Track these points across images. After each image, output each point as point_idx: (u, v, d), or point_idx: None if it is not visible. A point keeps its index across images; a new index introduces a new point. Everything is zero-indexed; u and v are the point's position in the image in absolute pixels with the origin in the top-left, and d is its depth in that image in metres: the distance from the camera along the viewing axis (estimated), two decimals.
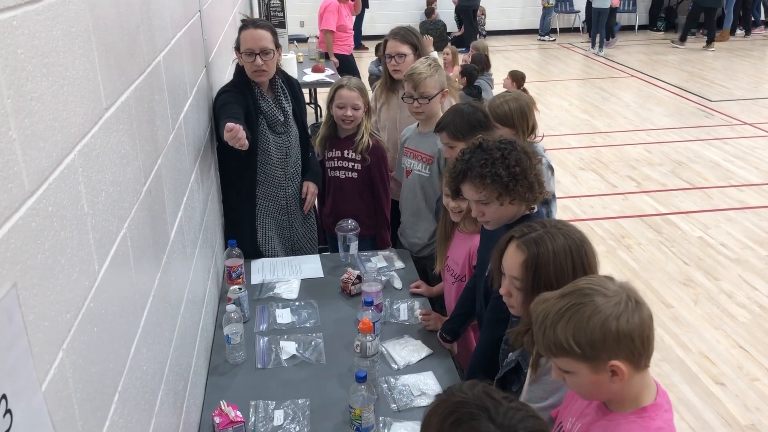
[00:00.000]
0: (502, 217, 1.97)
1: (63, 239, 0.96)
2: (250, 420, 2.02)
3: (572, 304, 1.30)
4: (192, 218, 2.16)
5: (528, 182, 1.90)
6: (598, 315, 1.27)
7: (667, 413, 1.35)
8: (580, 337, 1.27)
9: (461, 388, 1.15)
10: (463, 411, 1.08)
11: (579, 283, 1.36)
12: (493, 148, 1.92)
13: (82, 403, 1.00)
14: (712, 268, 4.51)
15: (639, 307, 1.30)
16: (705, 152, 6.70)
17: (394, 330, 2.50)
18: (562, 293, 1.34)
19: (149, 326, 1.45)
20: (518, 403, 1.11)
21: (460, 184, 1.99)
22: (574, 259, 1.61)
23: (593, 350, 1.27)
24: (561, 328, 1.28)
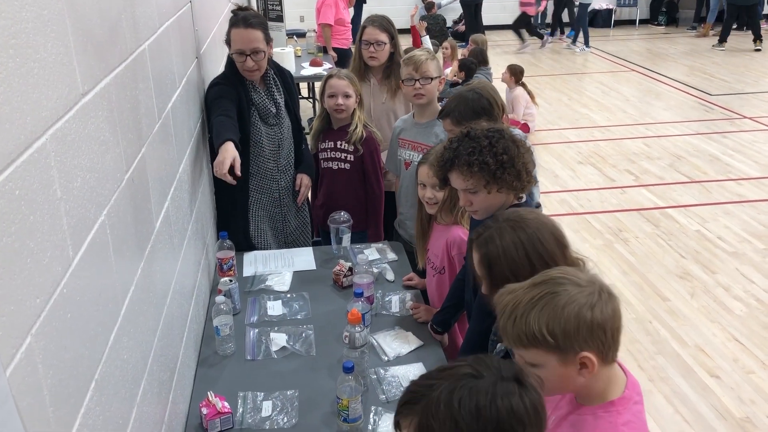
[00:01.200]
0: (490, 206, 1.96)
1: (32, 223, 0.95)
2: (238, 411, 2.01)
3: (545, 293, 1.28)
4: (180, 209, 2.15)
5: (515, 170, 1.89)
6: (573, 304, 1.25)
7: (636, 405, 1.34)
8: (554, 327, 1.24)
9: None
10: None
11: (550, 273, 1.35)
12: (480, 136, 1.91)
13: (54, 389, 0.99)
14: (709, 261, 4.49)
15: (611, 299, 1.29)
16: (704, 146, 6.67)
17: (386, 322, 2.49)
18: (533, 282, 1.33)
19: (131, 315, 1.44)
20: None
21: (447, 173, 1.98)
22: (528, 251, 1.59)
23: (566, 340, 1.25)
24: (534, 317, 1.26)
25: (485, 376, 1.06)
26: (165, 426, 1.72)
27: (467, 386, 1.05)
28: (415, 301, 2.61)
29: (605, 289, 1.30)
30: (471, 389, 1.04)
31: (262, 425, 1.96)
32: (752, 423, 3.06)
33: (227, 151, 2.47)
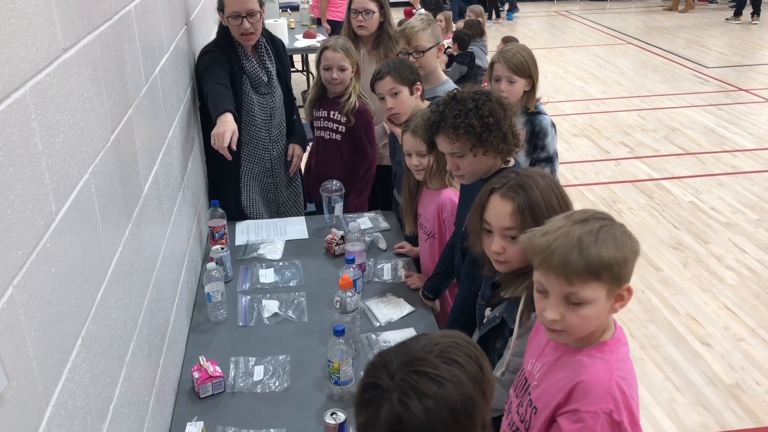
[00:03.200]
0: (477, 170, 1.95)
1: (12, 174, 0.93)
2: (229, 375, 2.02)
3: (601, 225, 1.30)
4: (170, 175, 2.13)
5: (501, 133, 1.88)
6: (623, 236, 1.29)
7: (624, 346, 1.38)
8: (617, 253, 1.27)
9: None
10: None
11: (588, 211, 1.36)
12: (467, 98, 1.90)
13: (38, 342, 0.99)
14: (702, 231, 4.50)
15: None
16: (699, 118, 6.66)
17: (377, 289, 2.50)
18: (579, 219, 1.33)
19: (118, 276, 1.43)
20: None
21: (434, 136, 1.97)
22: (556, 195, 1.63)
23: (626, 269, 1.29)
24: (602, 247, 1.26)
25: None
26: (156, 388, 1.73)
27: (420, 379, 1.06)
28: (408, 269, 2.62)
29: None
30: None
31: (254, 389, 1.97)
32: (741, 389, 3.09)
33: (227, 122, 2.45)
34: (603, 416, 1.26)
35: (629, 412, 1.29)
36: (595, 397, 1.28)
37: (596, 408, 1.27)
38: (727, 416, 2.92)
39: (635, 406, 1.32)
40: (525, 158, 2.74)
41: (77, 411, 1.14)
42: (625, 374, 1.33)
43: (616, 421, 1.27)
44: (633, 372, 1.37)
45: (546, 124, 2.76)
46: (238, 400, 1.93)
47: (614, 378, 1.30)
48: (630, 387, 1.32)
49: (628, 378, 1.33)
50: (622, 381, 1.30)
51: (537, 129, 2.75)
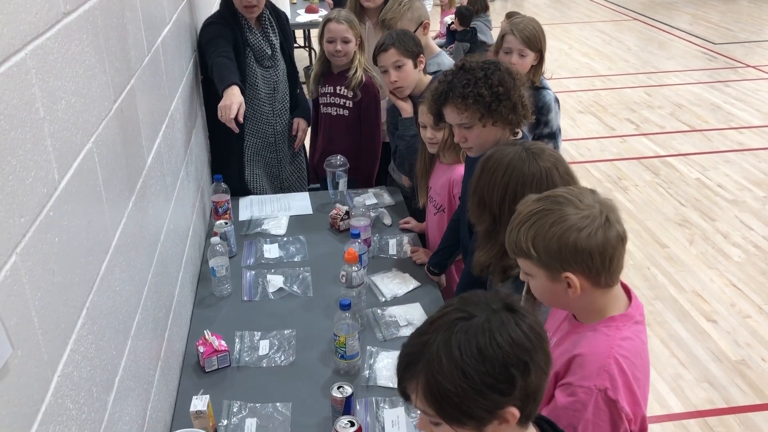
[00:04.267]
0: (485, 142, 1.92)
1: (13, 139, 0.91)
2: (235, 349, 2.01)
3: (542, 209, 1.28)
4: (173, 148, 2.11)
5: (511, 103, 1.85)
6: (561, 225, 1.25)
7: (638, 324, 1.33)
8: (538, 243, 1.26)
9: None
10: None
11: (558, 190, 1.34)
12: (475, 68, 1.86)
13: (42, 312, 0.97)
14: (709, 209, 4.47)
15: (608, 226, 1.26)
16: (706, 95, 6.59)
17: (383, 264, 2.48)
18: (539, 197, 1.33)
19: (123, 248, 1.41)
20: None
21: (442, 107, 1.93)
22: (559, 170, 1.60)
23: (549, 258, 1.26)
24: (524, 231, 1.28)
25: (476, 315, 1.02)
26: (161, 362, 1.72)
27: (462, 330, 1.00)
28: (413, 244, 2.60)
29: (606, 214, 1.26)
30: (467, 332, 0.99)
31: (260, 363, 1.96)
32: (747, 365, 3.08)
33: (234, 95, 2.43)
34: (597, 393, 1.23)
35: (629, 391, 1.25)
36: (591, 372, 1.25)
37: (590, 384, 1.24)
38: (733, 392, 2.92)
39: (638, 387, 1.28)
40: (528, 133, 2.70)
41: (83, 382, 1.12)
42: (629, 352, 1.28)
43: (612, 399, 1.23)
44: (641, 351, 1.32)
45: (549, 100, 2.71)
46: (243, 374, 1.92)
47: (613, 355, 1.26)
48: (633, 366, 1.27)
49: (632, 357, 1.28)
50: (623, 359, 1.26)
51: (540, 104, 2.70)
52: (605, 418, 1.24)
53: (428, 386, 1.00)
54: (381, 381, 1.89)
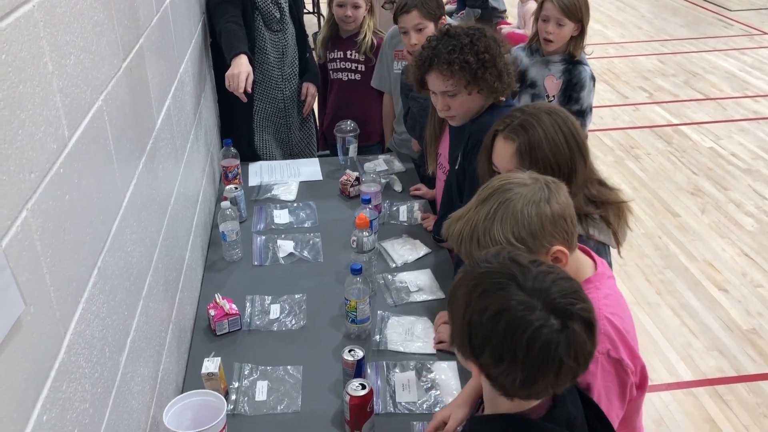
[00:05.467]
0: (468, 110, 1.89)
1: (22, 93, 0.89)
2: (245, 313, 2.01)
3: (498, 203, 1.25)
4: (182, 111, 2.08)
5: (497, 70, 1.82)
6: (530, 204, 1.23)
7: (610, 279, 1.34)
8: (520, 231, 1.22)
9: (486, 258, 1.06)
10: (489, 281, 1.00)
11: (492, 183, 1.31)
12: (461, 34, 1.83)
13: (54, 270, 0.96)
14: (722, 178, 4.42)
15: (559, 187, 1.28)
16: (721, 63, 6.48)
17: (393, 230, 2.47)
18: (479, 200, 1.29)
19: (133, 208, 1.40)
20: (547, 266, 1.03)
21: (425, 74, 1.90)
22: (564, 132, 1.56)
23: (535, 241, 1.23)
24: (497, 230, 1.23)
25: (525, 285, 0.99)
26: (173, 325, 1.72)
27: (500, 293, 1.00)
28: (424, 211, 2.58)
29: (549, 180, 1.29)
30: (504, 297, 0.99)
31: (270, 327, 1.97)
32: (758, 334, 3.07)
33: (242, 64, 2.43)
34: (601, 357, 1.24)
35: (626, 347, 1.27)
36: None
37: None
38: (743, 361, 2.91)
39: (631, 339, 1.30)
40: (516, 101, 2.64)
41: (95, 341, 1.12)
42: (615, 308, 1.30)
43: (616, 358, 1.24)
44: (622, 303, 1.35)
45: (585, 77, 2.62)
46: (254, 338, 1.93)
47: (603, 315, 1.25)
48: (622, 320, 1.29)
49: (619, 311, 1.30)
50: (613, 316, 1.27)
51: (575, 80, 2.61)
52: (613, 378, 1.25)
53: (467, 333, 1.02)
54: (392, 345, 1.89)
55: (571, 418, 1.06)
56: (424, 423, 1.62)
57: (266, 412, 1.67)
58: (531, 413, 1.05)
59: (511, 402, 1.04)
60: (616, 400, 1.25)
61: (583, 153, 1.58)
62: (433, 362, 1.82)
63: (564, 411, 1.06)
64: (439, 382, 1.75)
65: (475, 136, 1.96)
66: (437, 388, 1.74)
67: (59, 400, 0.95)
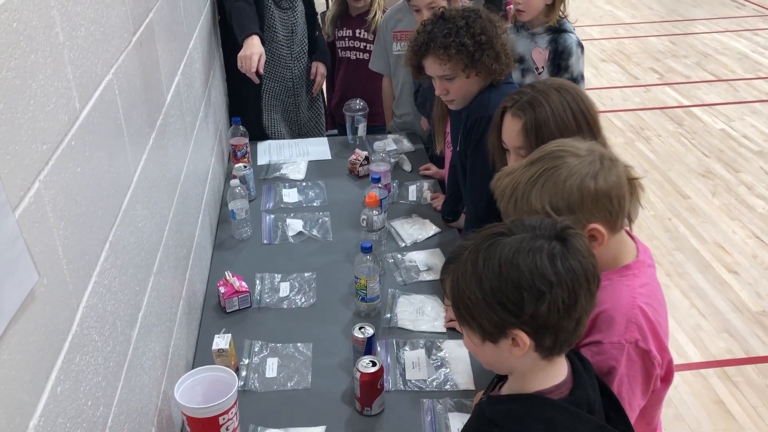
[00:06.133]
0: (467, 93, 1.87)
1: (33, 62, 0.88)
2: (255, 291, 2.01)
3: (545, 168, 1.21)
4: (192, 87, 2.07)
5: (494, 52, 1.80)
6: (574, 176, 1.19)
7: (650, 268, 1.30)
8: (558, 201, 1.19)
9: (462, 246, 1.06)
10: (482, 248, 1.00)
11: (548, 147, 1.27)
12: (456, 16, 1.81)
13: (66, 242, 0.95)
14: (733, 160, 4.38)
15: (614, 164, 1.22)
16: (733, 44, 6.40)
17: (403, 210, 2.46)
18: (530, 160, 1.25)
19: (144, 183, 1.40)
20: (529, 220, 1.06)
21: (422, 59, 1.88)
22: (573, 110, 1.53)
23: (571, 214, 1.19)
24: (535, 195, 1.20)
25: (516, 234, 1.01)
26: (183, 301, 1.72)
27: (495, 244, 1.00)
28: (433, 191, 2.56)
29: (606, 155, 1.24)
30: (498, 247, 0.99)
31: (280, 305, 1.97)
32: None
33: (254, 45, 2.43)
34: (628, 346, 1.21)
35: (656, 339, 1.23)
36: (619, 328, 1.22)
37: (620, 339, 1.21)
38: (753, 343, 2.90)
39: (663, 332, 1.26)
40: (516, 83, 2.60)
41: (107, 315, 1.12)
42: (650, 299, 1.26)
43: (644, 349, 1.21)
44: (659, 295, 1.31)
45: (571, 43, 2.59)
46: (264, 315, 1.93)
47: (637, 305, 1.23)
48: (656, 312, 1.25)
49: (654, 302, 1.26)
50: (647, 306, 1.24)
51: (561, 48, 2.58)
52: (638, 368, 1.22)
53: (452, 287, 1.04)
54: (402, 323, 1.89)
55: (591, 401, 1.04)
56: (434, 401, 1.62)
57: (276, 388, 1.68)
58: (552, 394, 1.03)
59: (540, 378, 1.04)
60: (639, 390, 1.23)
61: (594, 130, 1.56)
62: (443, 341, 1.82)
63: (585, 393, 1.04)
64: (449, 360, 1.75)
65: (473, 114, 1.95)
66: (447, 366, 1.74)
67: (72, 372, 0.95)
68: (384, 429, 1.57)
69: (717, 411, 2.58)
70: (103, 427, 1.07)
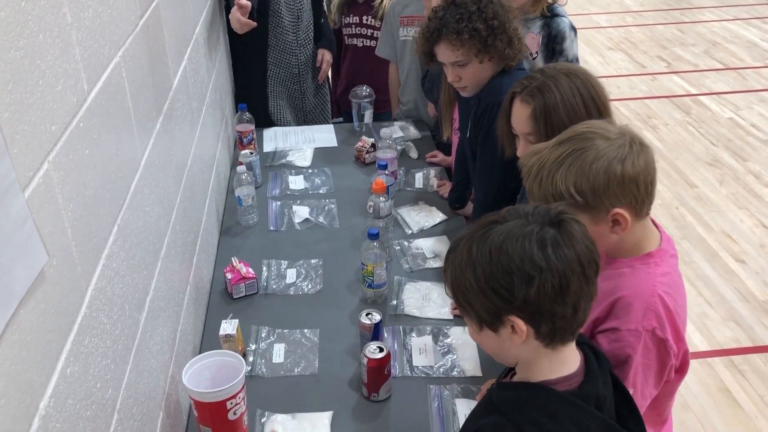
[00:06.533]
0: (480, 79, 1.86)
1: (41, 42, 0.87)
2: (262, 277, 2.01)
3: (572, 149, 1.19)
4: (198, 72, 2.06)
5: (507, 36, 1.79)
6: (602, 159, 1.17)
7: (672, 258, 1.28)
8: (582, 184, 1.17)
9: (460, 238, 1.08)
10: (475, 237, 1.01)
11: (577, 128, 1.25)
12: (467, 2, 1.80)
13: (75, 224, 0.95)
14: (741, 149, 4.36)
15: (644, 150, 1.20)
16: (743, 32, 6.35)
17: (409, 197, 2.45)
18: (558, 140, 1.24)
19: (151, 168, 1.39)
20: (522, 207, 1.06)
21: (434, 46, 1.86)
22: (583, 96, 1.51)
23: (596, 197, 1.17)
24: (561, 176, 1.18)
25: (510, 221, 1.01)
26: (190, 286, 1.72)
27: (488, 231, 1.00)
28: (440, 178, 2.56)
29: (637, 139, 1.21)
30: (490, 233, 1.00)
31: (287, 291, 1.97)
32: None
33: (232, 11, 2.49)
34: (645, 334, 1.20)
35: (674, 328, 1.22)
36: (637, 315, 1.21)
37: (637, 326, 1.20)
38: (759, 332, 2.89)
39: (681, 322, 1.25)
40: (528, 69, 2.58)
41: (116, 298, 1.12)
42: (670, 288, 1.24)
43: (661, 338, 1.20)
44: (679, 285, 1.29)
45: (564, 27, 2.56)
46: (271, 301, 1.93)
47: (657, 293, 1.21)
48: (675, 302, 1.24)
49: (674, 292, 1.25)
50: (666, 295, 1.22)
51: (554, 32, 2.55)
52: (653, 357, 1.21)
53: (451, 276, 1.05)
54: (408, 310, 1.89)
55: (600, 397, 1.03)
56: (441, 386, 1.62)
57: (284, 374, 1.68)
58: (558, 385, 1.03)
59: (545, 366, 1.03)
60: (652, 378, 1.22)
61: (604, 116, 1.54)
62: (449, 327, 1.81)
63: (594, 388, 1.03)
64: (455, 347, 1.75)
65: (485, 100, 1.94)
66: (454, 352, 1.74)
67: (82, 354, 0.95)
68: (391, 414, 1.57)
69: (723, 399, 2.58)
70: (112, 410, 1.07)
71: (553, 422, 0.98)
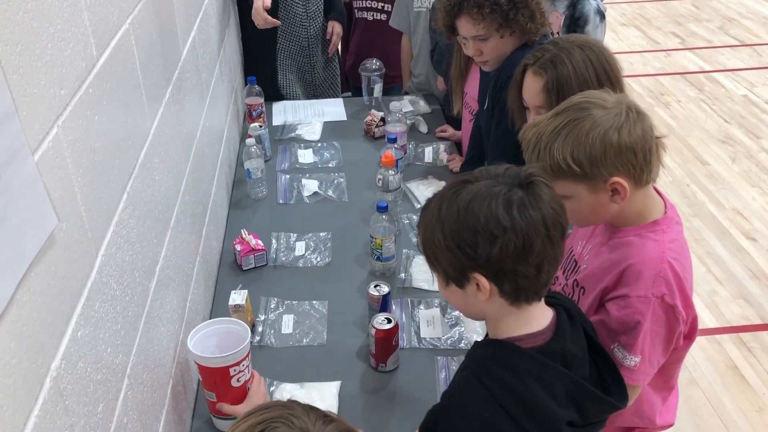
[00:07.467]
0: (501, 54, 1.84)
1: (50, 6, 0.87)
2: (271, 249, 2.01)
3: (569, 120, 1.19)
4: (207, 44, 2.05)
5: (529, 10, 1.76)
6: (598, 128, 1.16)
7: (678, 225, 1.28)
8: (579, 154, 1.17)
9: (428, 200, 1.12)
10: (446, 195, 1.05)
11: (574, 98, 1.25)
12: None
13: (85, 190, 0.95)
14: (755, 126, 4.31)
15: (641, 118, 1.20)
16: (759, 8, 6.24)
17: (419, 171, 2.44)
18: (556, 112, 1.23)
19: (161, 137, 1.39)
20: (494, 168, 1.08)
21: (455, 20, 1.84)
22: (596, 68, 1.50)
23: (593, 167, 1.17)
24: (557, 147, 1.18)
25: (481, 181, 1.02)
26: (200, 257, 1.73)
27: (459, 190, 1.02)
28: (450, 152, 2.54)
29: (633, 108, 1.21)
30: (460, 192, 1.02)
31: (296, 263, 1.97)
32: None
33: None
34: (654, 300, 1.20)
35: (683, 295, 1.22)
36: (646, 282, 1.21)
37: (647, 293, 1.20)
38: None
39: (689, 288, 1.25)
40: None
41: (126, 265, 1.12)
42: (678, 254, 1.24)
43: (670, 304, 1.20)
44: (686, 251, 1.30)
45: (589, 10, 2.50)
46: (280, 273, 1.94)
47: (666, 259, 1.21)
48: (683, 268, 1.24)
49: (681, 258, 1.25)
50: (675, 262, 1.22)
51: (578, 14, 2.49)
52: (662, 323, 1.21)
53: (421, 232, 1.08)
54: (416, 283, 1.89)
55: (567, 354, 1.05)
56: (448, 358, 1.63)
57: (292, 344, 1.69)
58: (522, 342, 1.04)
59: (510, 324, 1.06)
60: (660, 345, 1.23)
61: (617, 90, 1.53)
62: None
63: (559, 345, 1.05)
64: (463, 319, 1.76)
65: (505, 73, 1.92)
66: (462, 324, 1.74)
67: (92, 318, 0.95)
68: (398, 385, 1.58)
69: (731, 376, 2.58)
70: (122, 375, 1.08)
71: (515, 377, 1.01)
